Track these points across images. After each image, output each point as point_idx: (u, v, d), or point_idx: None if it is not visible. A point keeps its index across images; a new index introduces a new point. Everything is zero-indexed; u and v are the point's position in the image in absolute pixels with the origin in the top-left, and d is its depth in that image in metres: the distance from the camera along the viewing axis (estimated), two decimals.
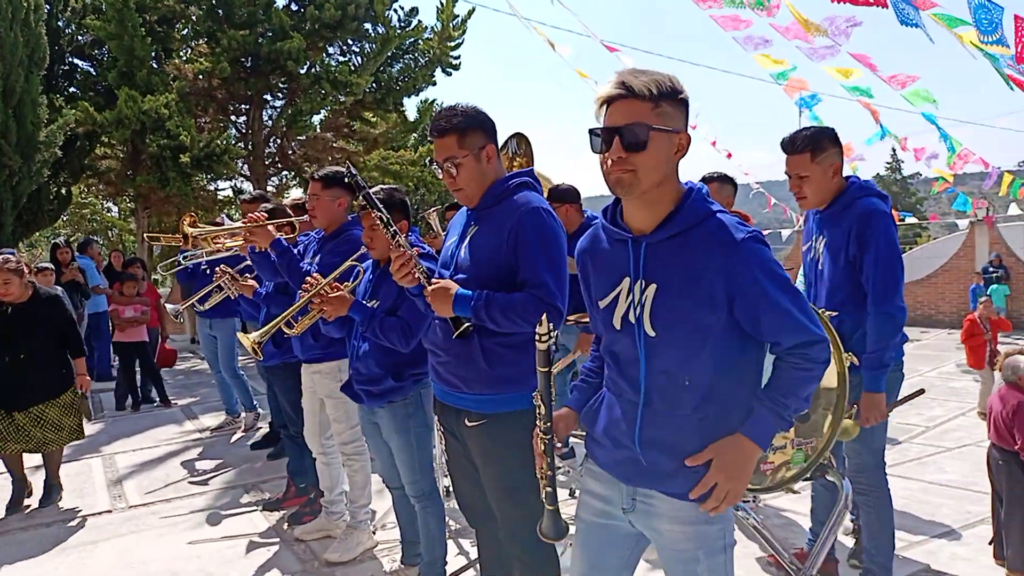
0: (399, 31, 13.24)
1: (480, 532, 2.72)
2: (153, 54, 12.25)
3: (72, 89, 13.21)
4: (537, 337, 1.84)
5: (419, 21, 13.76)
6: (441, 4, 13.89)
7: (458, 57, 14.36)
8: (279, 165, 14.65)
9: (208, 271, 5.90)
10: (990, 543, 3.74)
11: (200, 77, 12.61)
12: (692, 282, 1.69)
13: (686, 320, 1.71)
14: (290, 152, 14.36)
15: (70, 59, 13.39)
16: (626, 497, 1.86)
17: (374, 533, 4.15)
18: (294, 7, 12.94)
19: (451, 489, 3.23)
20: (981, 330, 7.68)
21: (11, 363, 4.82)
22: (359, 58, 13.45)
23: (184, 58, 13.29)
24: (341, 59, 13.61)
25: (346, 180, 3.81)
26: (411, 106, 16.50)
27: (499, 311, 2.25)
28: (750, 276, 1.67)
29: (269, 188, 14.51)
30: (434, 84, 14.30)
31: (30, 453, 5.03)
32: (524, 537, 2.41)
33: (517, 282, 2.32)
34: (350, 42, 13.50)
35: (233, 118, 14.35)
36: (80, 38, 13.26)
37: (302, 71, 12.56)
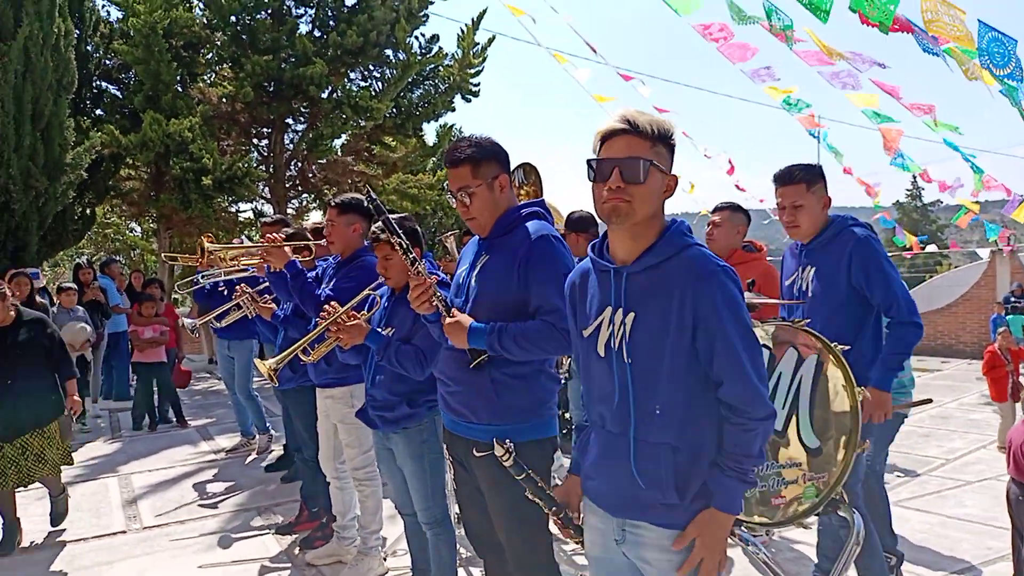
0: (420, 58, 13.40)
1: (488, 561, 2.72)
2: (178, 78, 12.46)
3: (99, 112, 13.44)
4: (500, 458, 2.04)
5: (440, 48, 13.93)
6: (462, 32, 14.06)
7: (478, 84, 14.50)
8: (299, 188, 14.80)
9: (225, 292, 5.97)
10: None
11: (224, 101, 12.82)
12: (665, 310, 1.77)
13: (657, 349, 1.78)
14: (310, 175, 14.52)
15: (98, 83, 13.64)
16: (616, 528, 1.90)
17: (385, 559, 4.15)
18: (317, 33, 13.16)
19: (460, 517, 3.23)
20: (1003, 361, 7.56)
21: None
22: (380, 84, 13.61)
23: (208, 82, 13.52)
24: (362, 84, 13.79)
25: (366, 205, 3.87)
26: (430, 131, 16.61)
27: (512, 341, 2.27)
28: (712, 307, 1.74)
29: (289, 211, 14.65)
30: (453, 110, 14.43)
31: (20, 487, 4.77)
32: (531, 567, 2.41)
33: (529, 310, 2.35)
34: (371, 68, 13.67)
35: (255, 141, 14.55)
36: (108, 62, 13.53)
37: (324, 96, 12.74)
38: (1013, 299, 14.14)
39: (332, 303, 3.23)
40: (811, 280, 3.14)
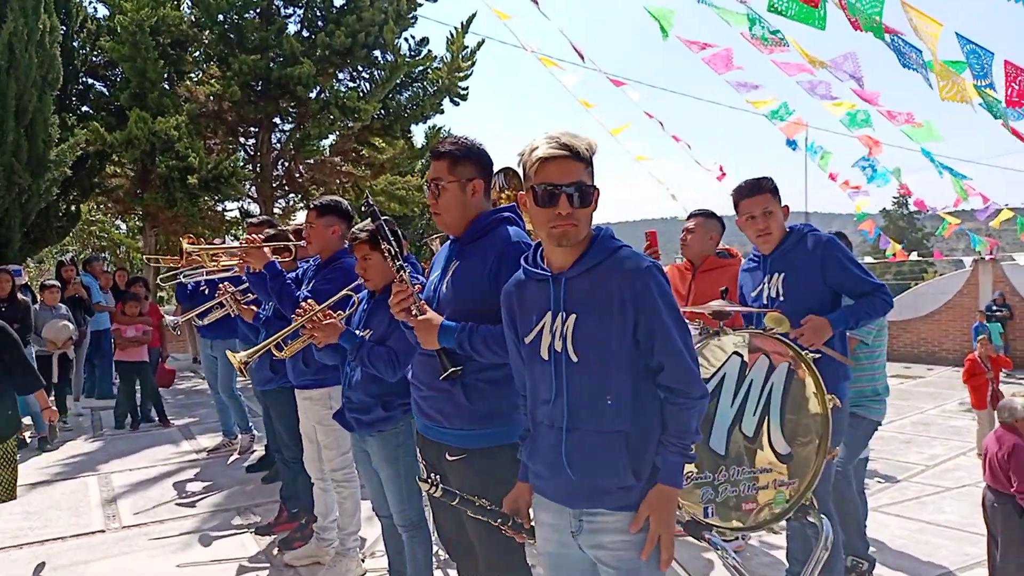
0: (408, 59, 13.42)
1: (460, 564, 2.73)
2: (165, 76, 12.41)
3: (85, 108, 13.37)
4: (427, 492, 2.12)
5: (429, 51, 13.94)
6: (451, 35, 14.08)
7: (466, 88, 14.52)
8: (287, 188, 14.77)
9: (207, 291, 5.96)
10: None
11: (211, 99, 12.78)
12: (606, 308, 1.90)
13: (603, 344, 1.90)
14: (298, 175, 14.49)
15: (84, 79, 13.57)
16: (573, 520, 1.98)
17: (363, 561, 4.15)
18: (305, 33, 13.15)
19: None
20: (982, 369, 7.64)
21: None
22: (368, 85, 13.61)
23: (195, 80, 13.47)
24: (350, 85, 13.78)
25: (344, 208, 3.89)
26: (419, 133, 16.65)
27: (482, 342, 2.30)
28: (649, 297, 1.89)
29: (276, 210, 14.61)
30: (442, 112, 14.46)
31: None
32: (502, 570, 2.43)
33: (499, 316, 2.36)
34: (359, 69, 13.68)
35: (242, 140, 14.50)
36: (94, 59, 13.47)
37: (311, 96, 12.72)
38: (995, 307, 14.29)
39: (309, 301, 3.24)
40: (780, 286, 3.18)
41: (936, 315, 15.74)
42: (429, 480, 2.10)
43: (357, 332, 3.14)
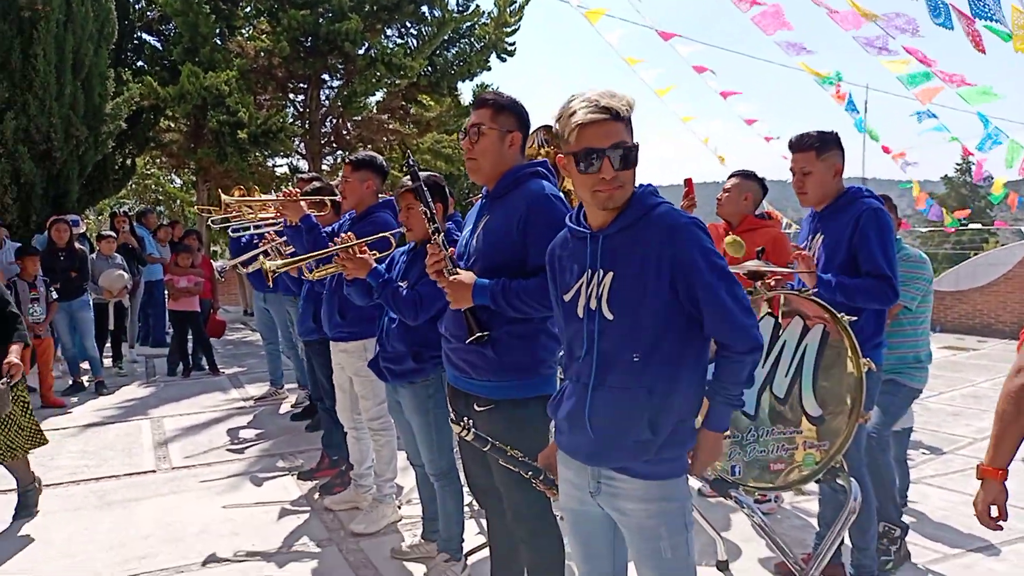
0: (455, 15, 13.30)
1: (489, 513, 2.80)
2: (216, 31, 12.52)
3: (139, 63, 13.61)
4: (459, 435, 2.14)
5: (476, 6, 13.80)
6: None
7: (513, 43, 14.35)
8: (334, 144, 14.87)
9: (259, 245, 6.07)
10: None
11: (261, 55, 12.87)
12: (642, 266, 1.86)
13: (638, 301, 1.87)
14: (345, 132, 14.57)
15: (138, 34, 13.78)
16: (592, 480, 1.97)
17: (399, 508, 4.27)
18: None
19: None
20: None
21: None
22: (415, 41, 13.55)
23: (246, 36, 13.57)
24: (398, 41, 13.73)
25: (379, 163, 3.93)
26: (466, 91, 16.56)
27: (516, 297, 2.32)
28: (687, 254, 1.84)
29: (324, 167, 14.75)
30: (489, 69, 14.34)
31: None
32: (529, 520, 2.48)
33: (527, 269, 2.38)
34: (407, 25, 13.61)
35: (291, 97, 14.61)
36: (148, 14, 13.66)
37: (359, 52, 12.72)
38: None
39: (349, 233, 3.27)
40: (819, 248, 3.12)
41: (994, 286, 15.23)
42: (462, 424, 2.12)
43: (389, 276, 3.17)
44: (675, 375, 1.89)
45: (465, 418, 2.19)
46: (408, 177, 3.04)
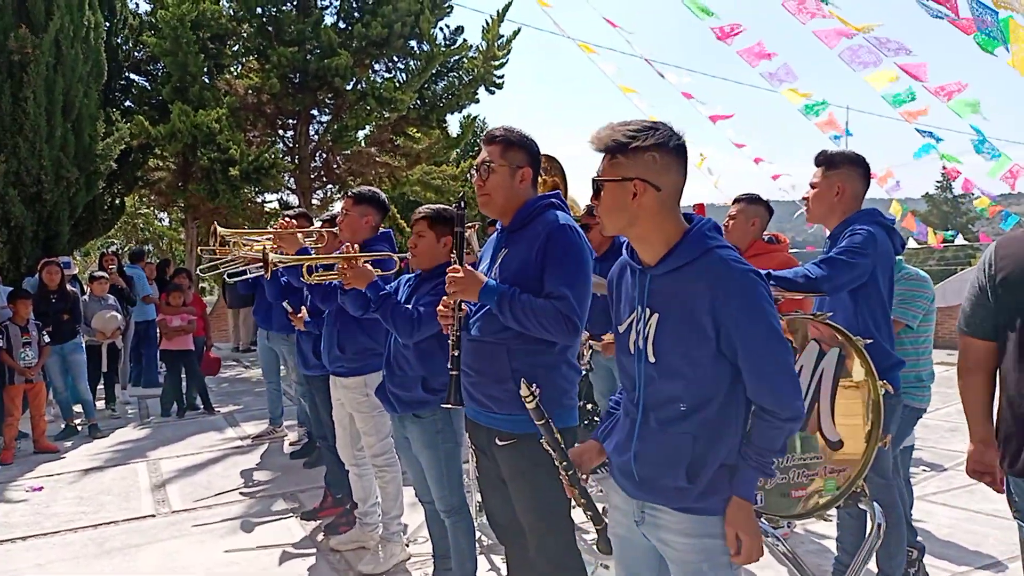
0: (444, 49, 13.42)
1: (510, 549, 2.75)
2: (205, 70, 12.56)
3: (128, 103, 13.61)
4: (524, 399, 2.05)
5: (464, 40, 13.92)
6: (487, 24, 14.04)
7: (502, 76, 14.48)
8: (324, 179, 14.90)
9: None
10: None
11: (250, 92, 12.93)
12: (687, 313, 1.79)
13: (681, 349, 1.80)
14: (335, 166, 14.61)
15: (127, 74, 13.80)
16: (636, 510, 1.96)
17: (407, 546, 4.20)
18: (342, 25, 13.20)
19: (482, 505, 3.27)
20: None
21: None
22: (404, 75, 13.64)
23: (235, 74, 13.64)
24: (387, 76, 13.82)
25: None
26: (454, 122, 16.64)
27: (521, 309, 2.32)
28: (732, 312, 1.75)
29: (314, 202, 14.76)
30: (477, 102, 14.44)
31: None
32: (553, 554, 2.44)
33: (542, 296, 2.38)
34: (396, 59, 13.71)
35: (281, 132, 14.66)
36: (137, 54, 13.69)
37: (348, 87, 12.80)
38: None
39: (355, 246, 3.29)
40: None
41: None
42: (531, 388, 2.05)
43: (392, 294, 3.17)
44: (721, 425, 1.84)
45: (532, 385, 2.11)
46: (425, 207, 3.10)
